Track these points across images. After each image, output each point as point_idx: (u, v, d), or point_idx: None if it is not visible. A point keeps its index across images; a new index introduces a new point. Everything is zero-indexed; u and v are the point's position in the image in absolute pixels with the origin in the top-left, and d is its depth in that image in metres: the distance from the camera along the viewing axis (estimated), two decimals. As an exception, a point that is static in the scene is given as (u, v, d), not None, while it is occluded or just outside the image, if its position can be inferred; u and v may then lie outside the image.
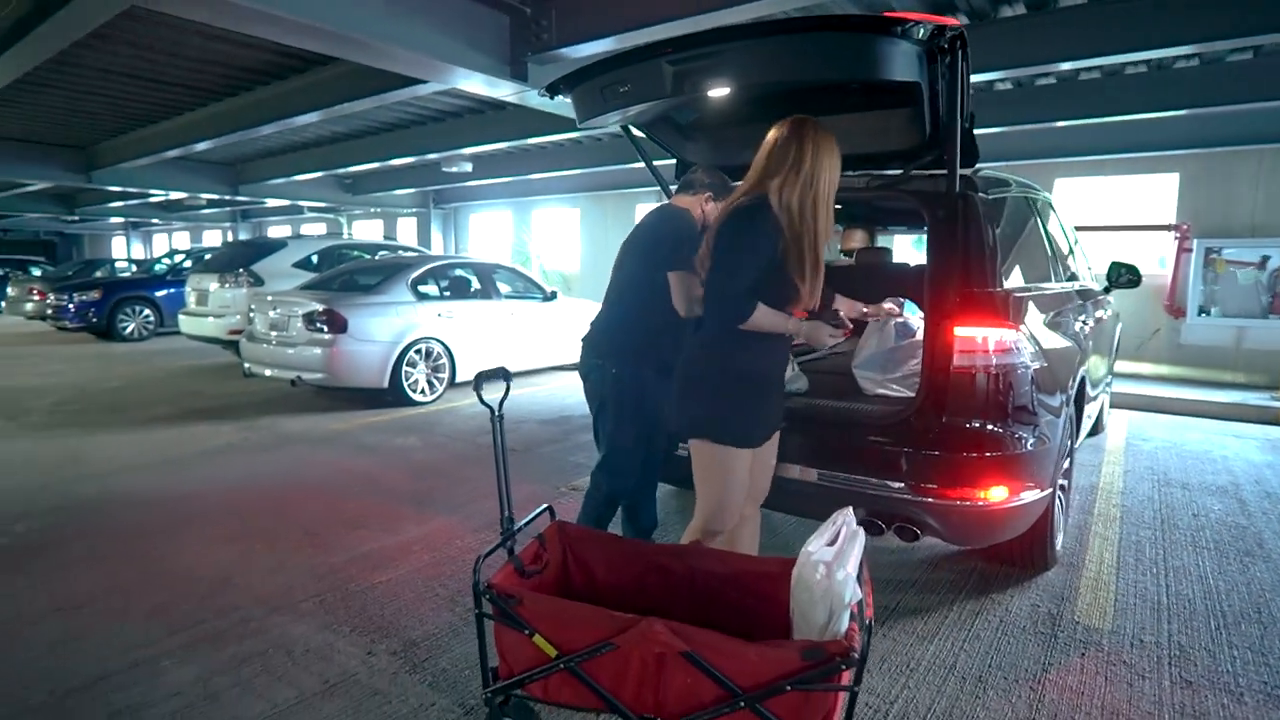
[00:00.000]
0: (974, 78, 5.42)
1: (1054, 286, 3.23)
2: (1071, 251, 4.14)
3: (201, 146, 9.13)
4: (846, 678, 1.47)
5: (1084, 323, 3.43)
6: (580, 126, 2.77)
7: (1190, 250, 7.56)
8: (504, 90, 5.35)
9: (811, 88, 2.81)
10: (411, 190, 14.75)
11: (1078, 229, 8.18)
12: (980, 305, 2.37)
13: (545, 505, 2.10)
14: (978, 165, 2.76)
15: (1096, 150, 7.64)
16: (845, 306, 2.43)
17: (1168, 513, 3.78)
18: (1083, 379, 3.12)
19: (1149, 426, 5.89)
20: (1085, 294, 4.05)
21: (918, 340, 2.56)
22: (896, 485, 2.38)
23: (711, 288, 2.01)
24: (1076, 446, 3.51)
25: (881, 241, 4.95)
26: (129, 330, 11.59)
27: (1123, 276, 4.74)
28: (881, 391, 2.64)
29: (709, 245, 2.05)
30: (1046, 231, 3.51)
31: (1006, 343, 2.35)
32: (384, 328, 6.25)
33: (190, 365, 8.96)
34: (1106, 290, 4.79)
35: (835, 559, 1.62)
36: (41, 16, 4.33)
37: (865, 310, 2.51)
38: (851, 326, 2.39)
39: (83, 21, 4.22)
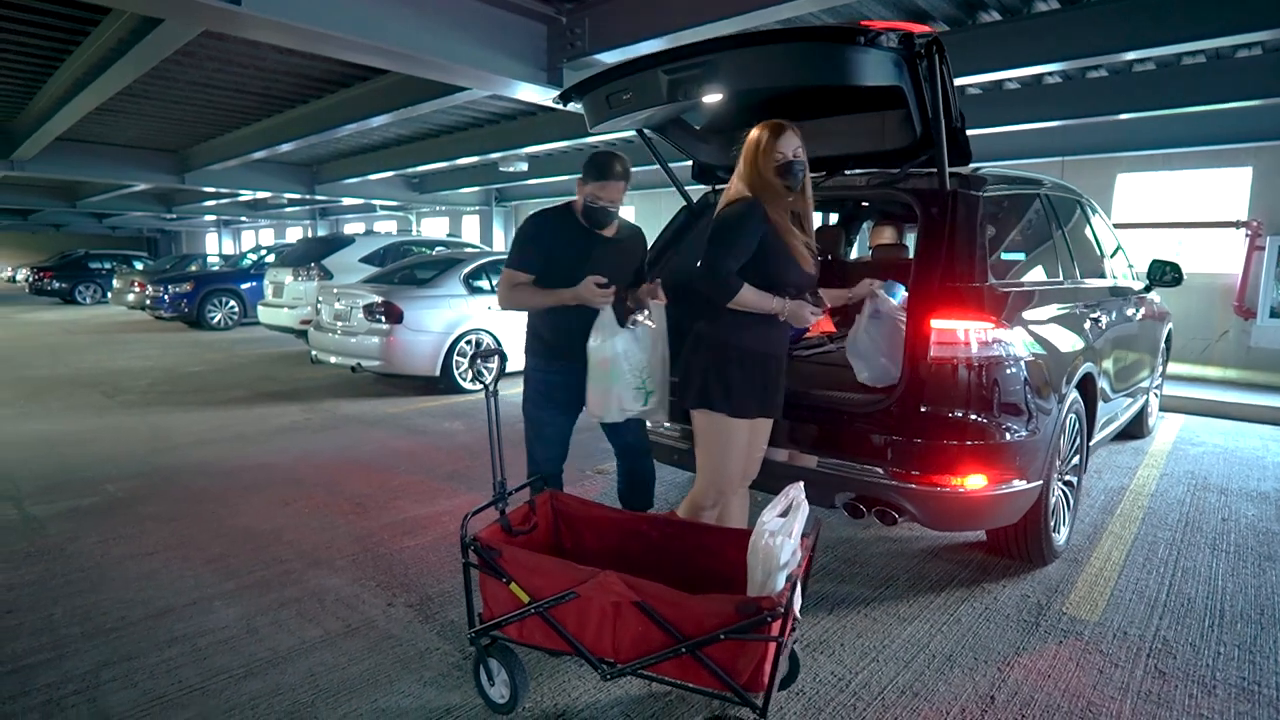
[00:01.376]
0: (1016, 72, 5.40)
1: (1062, 283, 3.24)
2: (1102, 249, 4.08)
3: (281, 149, 9.85)
4: (777, 629, 1.63)
5: (1100, 321, 3.40)
6: (591, 132, 2.98)
7: (1262, 248, 7.16)
8: (550, 96, 5.63)
9: (811, 91, 2.94)
10: (475, 189, 15.34)
11: (1136, 226, 7.90)
12: (960, 299, 2.45)
13: (537, 475, 2.33)
14: (974, 163, 2.82)
15: (1160, 143, 7.32)
16: (828, 296, 2.57)
17: (1195, 515, 3.70)
18: (1088, 375, 3.12)
19: (1204, 431, 5.66)
20: (1117, 292, 4.00)
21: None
22: (876, 470, 2.49)
23: (704, 268, 2.23)
24: (1092, 444, 3.50)
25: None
26: (216, 320, 12.51)
27: (1166, 275, 4.62)
28: (873, 376, 2.70)
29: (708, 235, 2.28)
30: (1064, 229, 3.50)
31: (986, 335, 2.42)
32: (437, 319, 6.63)
33: (267, 353, 9.67)
34: (1147, 289, 4.67)
35: (781, 527, 1.78)
36: (137, 38, 4.90)
37: (849, 295, 2.63)
38: (829, 305, 2.53)
39: (169, 41, 4.76)
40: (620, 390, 2.45)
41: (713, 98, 2.52)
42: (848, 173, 3.19)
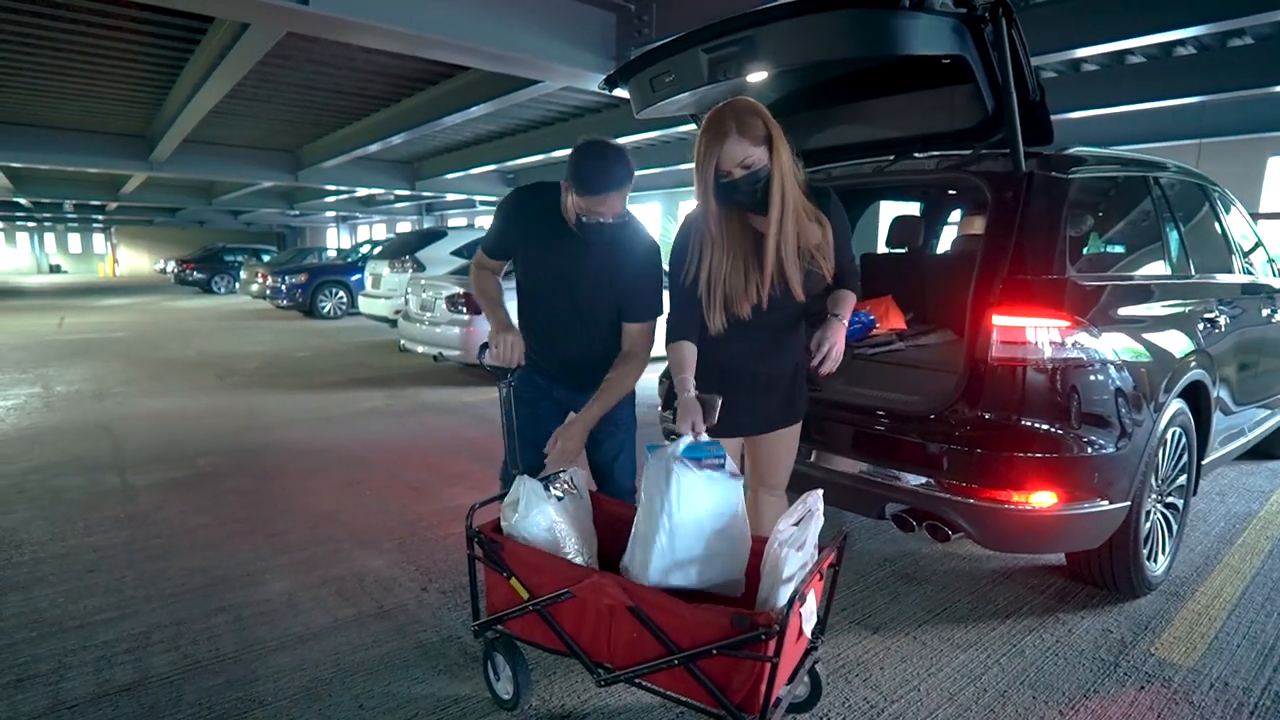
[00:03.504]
0: (1139, 41, 4.83)
1: (1170, 278, 2.84)
2: (1232, 242, 3.57)
3: (380, 145, 10.36)
4: (772, 649, 1.49)
5: (1219, 321, 2.96)
6: (637, 118, 2.88)
7: None
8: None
9: (873, 66, 2.72)
10: (567, 184, 15.60)
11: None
12: (1030, 293, 2.18)
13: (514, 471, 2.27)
14: (1089, 146, 2.53)
15: (1322, 121, 6.37)
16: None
17: (1338, 552, 3.17)
18: (1198, 383, 2.72)
19: (1364, 454, 4.87)
20: (1251, 290, 3.50)
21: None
22: (926, 481, 2.27)
23: None
24: (1207, 463, 3.07)
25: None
26: (326, 309, 13.36)
27: (1315, 271, 4.00)
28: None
29: None
30: (1181, 218, 3.08)
31: (1059, 334, 2.14)
32: (515, 312, 6.75)
33: (366, 341, 10.23)
34: (1290, 287, 4.06)
35: (790, 538, 1.63)
36: (235, 42, 5.27)
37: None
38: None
39: (259, 43, 5.09)
40: None
41: (756, 77, 2.37)
42: (918, 155, 2.93)
